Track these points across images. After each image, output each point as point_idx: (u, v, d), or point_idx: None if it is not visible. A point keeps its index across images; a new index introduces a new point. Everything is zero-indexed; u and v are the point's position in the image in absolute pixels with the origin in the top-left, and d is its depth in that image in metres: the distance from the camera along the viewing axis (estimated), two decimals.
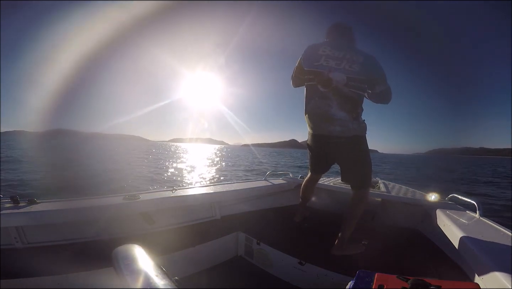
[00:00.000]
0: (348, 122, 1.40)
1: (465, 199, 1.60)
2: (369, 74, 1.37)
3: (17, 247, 1.22)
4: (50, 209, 1.26)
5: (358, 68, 1.35)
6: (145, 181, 8.33)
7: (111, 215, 1.40)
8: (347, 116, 1.39)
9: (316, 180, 1.88)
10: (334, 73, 1.36)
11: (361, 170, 1.55)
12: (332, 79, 1.36)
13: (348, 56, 1.38)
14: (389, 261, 1.39)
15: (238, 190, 1.96)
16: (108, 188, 6.45)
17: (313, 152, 1.68)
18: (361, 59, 1.37)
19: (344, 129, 1.40)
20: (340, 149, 1.49)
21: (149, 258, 0.47)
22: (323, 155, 1.65)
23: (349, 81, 1.35)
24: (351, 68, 1.35)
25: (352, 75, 1.35)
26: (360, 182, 1.55)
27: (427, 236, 1.74)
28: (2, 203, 1.28)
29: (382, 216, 2.06)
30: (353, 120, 1.41)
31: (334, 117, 1.40)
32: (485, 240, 1.05)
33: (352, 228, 1.48)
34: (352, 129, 1.41)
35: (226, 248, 1.67)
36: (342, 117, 1.39)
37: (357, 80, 1.35)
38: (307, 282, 1.35)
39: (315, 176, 1.84)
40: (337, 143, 1.45)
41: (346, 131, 1.40)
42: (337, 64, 1.37)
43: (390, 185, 2.45)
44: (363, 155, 1.54)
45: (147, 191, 1.73)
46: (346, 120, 1.39)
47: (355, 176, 1.57)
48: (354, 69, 1.35)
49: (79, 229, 1.36)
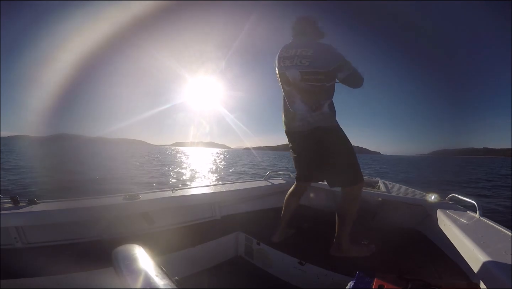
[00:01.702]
0: (307, 115, 1.41)
1: (465, 199, 1.60)
2: (322, 64, 1.37)
3: (17, 247, 1.22)
4: (50, 209, 1.27)
5: (308, 61, 1.38)
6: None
7: (111, 215, 1.40)
8: (307, 108, 1.41)
9: (299, 191, 1.69)
10: (289, 71, 1.43)
11: (339, 164, 1.43)
12: (288, 78, 1.43)
13: (298, 52, 1.42)
14: (389, 261, 1.39)
15: (238, 190, 1.96)
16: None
17: (291, 152, 1.61)
18: (310, 52, 1.39)
19: (303, 123, 1.42)
20: (307, 144, 1.45)
21: (149, 258, 0.47)
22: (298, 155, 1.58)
23: (303, 75, 1.38)
24: (301, 64, 1.39)
25: (304, 70, 1.38)
26: (342, 178, 1.43)
27: (427, 236, 1.74)
28: (2, 203, 1.28)
29: (382, 216, 2.06)
30: (312, 112, 1.40)
31: (296, 112, 1.44)
32: (485, 240, 1.05)
33: (347, 228, 1.43)
34: (312, 122, 1.40)
35: (226, 248, 1.67)
36: (302, 111, 1.42)
37: (310, 73, 1.37)
38: (307, 282, 1.35)
39: (299, 185, 1.67)
40: (302, 138, 1.46)
41: (305, 124, 1.42)
42: (290, 63, 1.43)
43: (390, 185, 2.45)
44: (336, 145, 1.43)
45: (147, 191, 1.73)
46: (305, 112, 1.41)
47: (336, 172, 1.44)
48: (304, 64, 1.39)
49: (79, 229, 1.36)
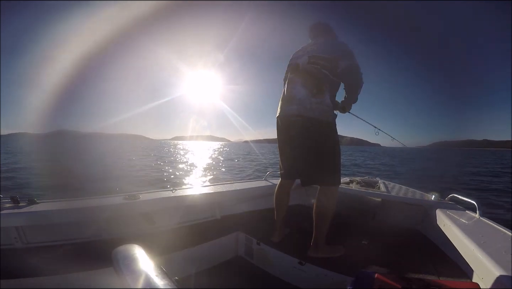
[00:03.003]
0: (306, 100, 1.37)
1: (465, 199, 1.60)
2: (329, 51, 1.44)
3: (17, 247, 1.22)
4: (50, 209, 1.27)
5: (317, 47, 1.47)
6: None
7: (111, 215, 1.40)
8: (307, 93, 1.38)
9: (285, 187, 1.61)
10: (300, 59, 1.50)
11: (325, 162, 1.40)
12: (298, 63, 1.49)
13: (313, 43, 1.54)
14: (389, 261, 1.39)
15: (238, 190, 1.96)
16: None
17: (278, 142, 1.55)
18: (322, 40, 1.51)
19: (301, 107, 1.38)
20: (298, 131, 1.40)
21: (149, 258, 0.47)
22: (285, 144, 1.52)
23: (310, 59, 1.44)
24: (312, 49, 1.48)
25: (312, 54, 1.45)
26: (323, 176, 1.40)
27: (427, 236, 1.74)
28: (2, 203, 1.28)
29: (382, 216, 2.06)
30: (312, 97, 1.36)
31: (296, 96, 1.42)
32: (485, 240, 1.05)
33: (323, 228, 1.40)
34: (309, 109, 1.35)
35: (226, 248, 1.67)
36: (302, 95, 1.39)
37: (317, 57, 1.43)
38: (307, 282, 1.35)
39: (284, 181, 1.60)
40: (294, 123, 1.41)
41: (301, 109, 1.37)
42: (303, 53, 1.51)
43: (390, 185, 2.46)
44: (327, 144, 1.40)
45: (147, 191, 1.73)
46: (305, 97, 1.38)
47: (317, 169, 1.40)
48: (314, 49, 1.47)
49: (79, 229, 1.36)
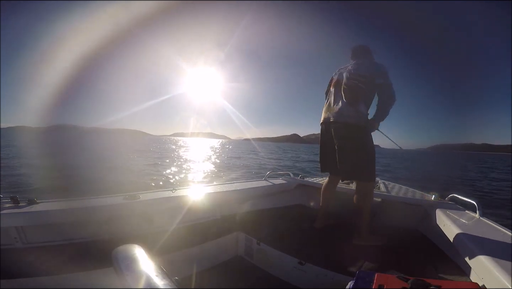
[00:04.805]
0: (343, 108, 1.64)
1: (465, 199, 1.60)
2: (367, 70, 1.64)
3: (17, 247, 1.22)
4: (50, 209, 1.26)
5: (357, 66, 1.68)
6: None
7: (111, 215, 1.40)
8: (344, 103, 1.65)
9: (333, 182, 1.92)
10: (341, 75, 1.73)
11: (358, 160, 1.62)
12: (340, 79, 1.73)
13: (354, 62, 1.73)
14: (389, 261, 1.39)
15: (238, 190, 1.96)
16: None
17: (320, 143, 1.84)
18: (361, 61, 1.71)
19: (339, 114, 1.65)
20: (337, 134, 1.67)
21: (149, 258, 0.47)
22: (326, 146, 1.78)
23: (350, 75, 1.66)
24: (352, 68, 1.68)
25: (351, 72, 1.67)
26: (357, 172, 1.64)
27: (427, 236, 1.74)
28: (2, 203, 1.28)
29: (382, 216, 2.06)
30: (348, 106, 1.62)
31: (335, 106, 1.69)
32: (485, 240, 1.05)
33: (365, 219, 1.61)
34: (346, 116, 1.62)
35: (226, 248, 1.67)
36: (341, 105, 1.66)
37: (355, 75, 1.64)
38: (307, 282, 1.35)
39: (332, 177, 1.91)
40: (335, 128, 1.68)
41: (339, 116, 1.65)
42: (344, 70, 1.74)
43: (390, 185, 2.46)
44: (360, 144, 1.64)
45: (147, 191, 1.73)
46: (342, 106, 1.65)
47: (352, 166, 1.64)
48: (354, 68, 1.68)
49: (79, 229, 1.36)
